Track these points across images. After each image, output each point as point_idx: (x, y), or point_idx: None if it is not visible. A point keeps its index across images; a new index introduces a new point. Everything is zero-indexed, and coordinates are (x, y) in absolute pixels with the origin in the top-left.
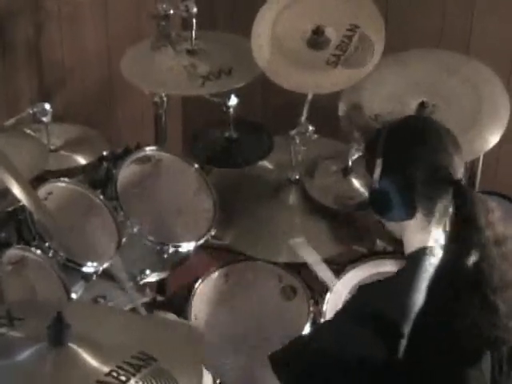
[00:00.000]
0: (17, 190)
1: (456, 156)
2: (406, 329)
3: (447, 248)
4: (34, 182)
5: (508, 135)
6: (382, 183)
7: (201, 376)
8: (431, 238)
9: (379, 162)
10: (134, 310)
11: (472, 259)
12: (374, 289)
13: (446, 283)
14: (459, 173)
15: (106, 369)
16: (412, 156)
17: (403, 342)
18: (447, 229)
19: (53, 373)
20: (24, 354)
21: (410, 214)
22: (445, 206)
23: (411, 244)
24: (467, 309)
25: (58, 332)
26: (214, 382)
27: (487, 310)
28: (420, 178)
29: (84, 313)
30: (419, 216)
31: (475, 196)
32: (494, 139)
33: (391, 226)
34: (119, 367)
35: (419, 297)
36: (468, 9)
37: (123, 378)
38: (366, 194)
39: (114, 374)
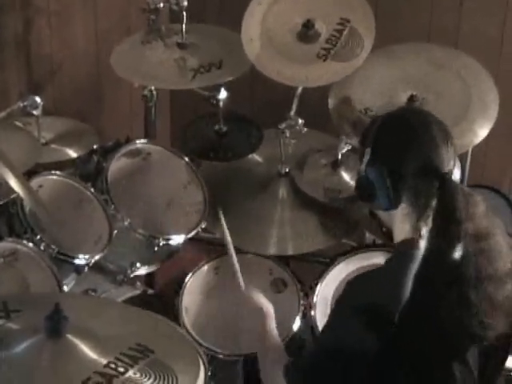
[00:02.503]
0: (11, 180)
1: (445, 148)
2: (396, 316)
3: (430, 240)
4: (25, 175)
5: (495, 130)
6: (368, 171)
7: (198, 367)
8: (416, 229)
9: (368, 150)
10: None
11: (451, 252)
12: (363, 280)
13: (427, 275)
14: (448, 165)
15: (104, 360)
16: (400, 148)
17: (394, 332)
18: (431, 221)
19: (51, 364)
20: (21, 346)
21: (394, 205)
22: (430, 198)
23: (399, 234)
24: (445, 303)
25: (55, 323)
26: (206, 372)
27: (463, 305)
28: (407, 169)
29: (81, 305)
30: (405, 207)
31: (458, 189)
32: (483, 132)
33: (382, 215)
34: (117, 359)
35: (406, 288)
36: (456, 5)
37: (121, 370)
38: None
39: (112, 365)
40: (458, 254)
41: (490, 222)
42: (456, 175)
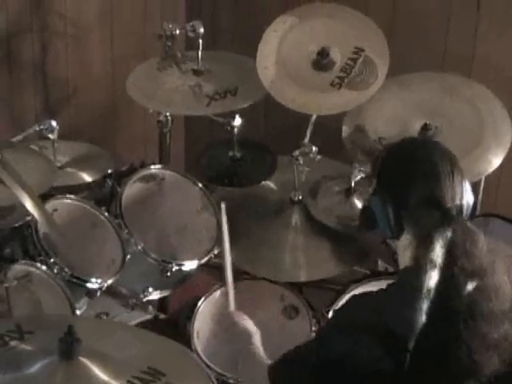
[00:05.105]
0: (27, 203)
1: (449, 180)
2: (411, 344)
3: (428, 273)
4: (40, 198)
5: (509, 159)
6: (371, 201)
7: None
8: (416, 259)
9: (374, 181)
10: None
11: (446, 286)
12: (366, 300)
13: (422, 307)
14: (452, 197)
15: (116, 383)
16: (402, 179)
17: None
18: (431, 254)
19: None
20: (34, 368)
21: (396, 234)
22: (431, 230)
23: (402, 261)
24: (437, 337)
25: (68, 346)
26: None
27: (454, 342)
28: (409, 200)
29: (93, 327)
30: (408, 236)
31: (459, 223)
32: (496, 161)
33: (390, 241)
34: (129, 382)
35: (414, 314)
36: (470, 33)
37: None
38: None
39: None
40: (452, 289)
41: (490, 260)
42: (468, 203)
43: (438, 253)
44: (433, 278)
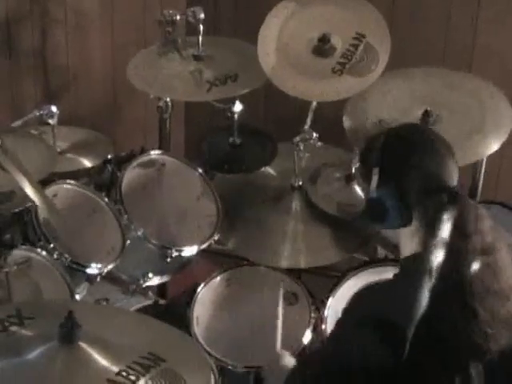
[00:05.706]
0: (27, 188)
1: (450, 162)
2: (410, 333)
3: (439, 254)
4: (40, 184)
5: (509, 147)
6: (380, 192)
7: (209, 377)
8: (425, 244)
9: (376, 170)
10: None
11: (460, 266)
12: (371, 293)
13: (437, 291)
14: (453, 179)
15: (115, 368)
16: (408, 165)
17: (407, 346)
18: (440, 235)
19: (63, 371)
20: (34, 353)
21: (407, 222)
22: (439, 213)
23: (406, 249)
24: (448, 315)
25: (68, 331)
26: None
27: (467, 317)
28: (415, 186)
29: (93, 313)
30: (414, 223)
31: (467, 203)
32: (495, 146)
33: (387, 232)
34: (129, 367)
35: (417, 305)
36: (471, 23)
37: (133, 378)
38: None
39: (124, 373)
40: (466, 267)
41: (496, 237)
42: None
43: (446, 232)
44: (439, 257)
